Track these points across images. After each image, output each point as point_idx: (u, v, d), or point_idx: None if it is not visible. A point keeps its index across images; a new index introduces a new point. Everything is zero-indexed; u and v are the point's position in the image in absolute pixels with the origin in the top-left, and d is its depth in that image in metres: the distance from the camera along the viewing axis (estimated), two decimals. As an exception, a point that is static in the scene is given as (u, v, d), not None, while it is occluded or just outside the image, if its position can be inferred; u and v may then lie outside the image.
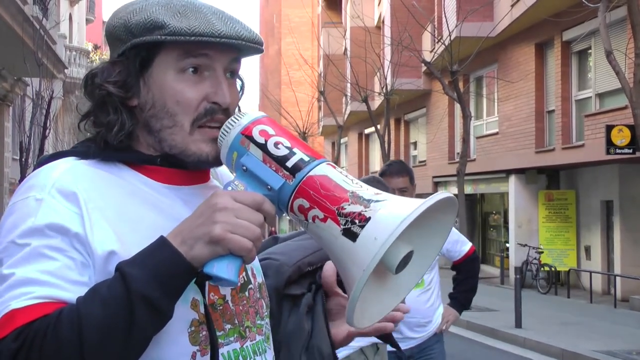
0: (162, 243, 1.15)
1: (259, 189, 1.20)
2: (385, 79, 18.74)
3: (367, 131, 33.54)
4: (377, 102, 24.97)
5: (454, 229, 4.69)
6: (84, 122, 1.36)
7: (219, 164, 1.31)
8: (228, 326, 1.31)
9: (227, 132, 1.24)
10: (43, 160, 1.32)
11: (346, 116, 30.76)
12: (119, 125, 1.31)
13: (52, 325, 1.10)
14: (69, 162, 1.30)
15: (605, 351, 10.11)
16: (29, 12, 12.75)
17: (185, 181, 1.34)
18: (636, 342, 10.77)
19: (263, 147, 1.21)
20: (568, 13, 12.92)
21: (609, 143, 13.38)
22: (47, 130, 10.80)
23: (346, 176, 1.19)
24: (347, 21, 29.85)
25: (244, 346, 1.33)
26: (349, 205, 1.13)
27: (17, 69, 15.14)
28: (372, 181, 3.74)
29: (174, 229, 1.17)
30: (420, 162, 26.51)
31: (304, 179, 1.18)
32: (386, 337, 1.68)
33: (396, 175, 4.20)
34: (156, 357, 1.22)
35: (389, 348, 4.02)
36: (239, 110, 1.37)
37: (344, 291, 1.52)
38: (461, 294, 4.66)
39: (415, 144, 28.08)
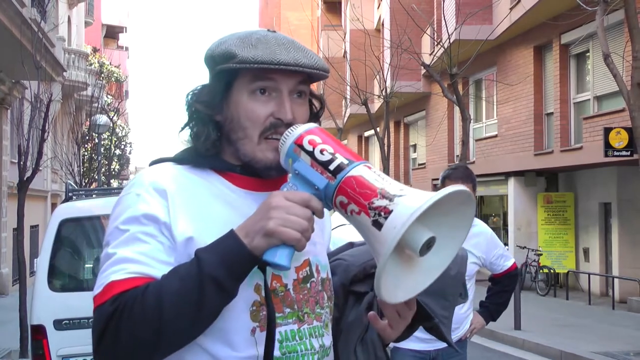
0: (230, 235, 1.41)
1: (308, 189, 1.45)
2: (385, 81, 18.72)
3: (366, 134, 33.57)
4: (376, 104, 24.98)
5: (502, 244, 4.77)
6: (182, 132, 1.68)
7: (283, 168, 1.54)
8: (287, 310, 1.56)
9: (284, 142, 1.49)
10: (152, 163, 1.65)
11: (346, 119, 30.76)
12: (205, 136, 1.60)
13: (140, 294, 1.38)
14: (168, 166, 1.60)
15: (603, 352, 10.13)
16: (27, 14, 12.75)
17: (262, 188, 1.60)
18: (634, 343, 10.79)
19: (311, 154, 1.45)
20: (566, 16, 12.92)
21: (607, 145, 13.39)
22: (46, 134, 10.77)
23: (379, 175, 1.40)
24: (346, 24, 29.86)
25: (301, 328, 1.58)
26: (378, 200, 1.36)
27: (15, 71, 15.16)
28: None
29: (241, 224, 1.43)
30: (419, 164, 26.53)
31: (343, 179, 1.41)
32: (439, 334, 1.82)
33: (457, 180, 4.21)
34: (222, 329, 1.48)
35: (410, 347, 4.12)
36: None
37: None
38: (493, 305, 4.69)
39: (414, 146, 28.10)
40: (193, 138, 1.63)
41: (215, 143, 1.61)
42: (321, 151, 1.44)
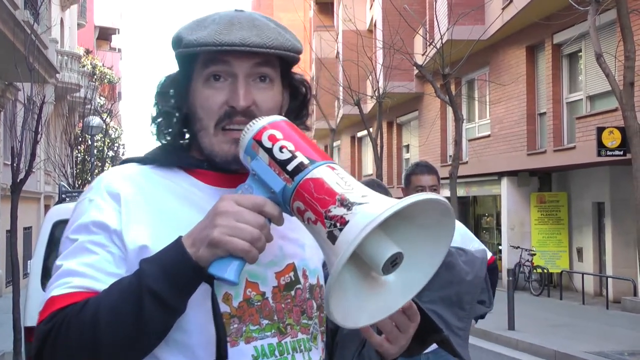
0: (176, 244, 1.25)
1: (264, 192, 1.27)
2: (378, 82, 18.75)
3: (359, 134, 33.57)
4: (369, 105, 24.99)
5: (475, 237, 4.68)
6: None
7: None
8: (265, 322, 1.38)
9: (243, 136, 1.30)
10: (121, 162, 1.50)
11: (338, 119, 30.75)
12: (165, 129, 1.46)
13: (77, 310, 1.23)
14: (131, 166, 1.45)
15: (597, 352, 10.14)
16: (20, 16, 12.73)
17: (230, 183, 1.41)
18: (628, 342, 10.82)
19: (269, 152, 1.26)
20: (558, 16, 12.96)
21: (600, 145, 13.43)
22: (39, 136, 10.72)
23: (342, 178, 1.21)
24: (339, 25, 29.87)
25: (282, 342, 1.39)
26: (335, 208, 1.17)
27: (8, 73, 15.12)
28: (371, 184, 3.82)
29: (190, 231, 1.26)
30: (412, 165, 26.50)
31: (301, 182, 1.22)
32: (450, 349, 1.68)
33: (427, 174, 4.22)
34: (187, 344, 1.32)
35: None
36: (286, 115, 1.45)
37: None
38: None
39: (407, 147, 28.11)
40: (156, 133, 1.48)
41: (176, 137, 1.47)
42: (280, 148, 1.25)
